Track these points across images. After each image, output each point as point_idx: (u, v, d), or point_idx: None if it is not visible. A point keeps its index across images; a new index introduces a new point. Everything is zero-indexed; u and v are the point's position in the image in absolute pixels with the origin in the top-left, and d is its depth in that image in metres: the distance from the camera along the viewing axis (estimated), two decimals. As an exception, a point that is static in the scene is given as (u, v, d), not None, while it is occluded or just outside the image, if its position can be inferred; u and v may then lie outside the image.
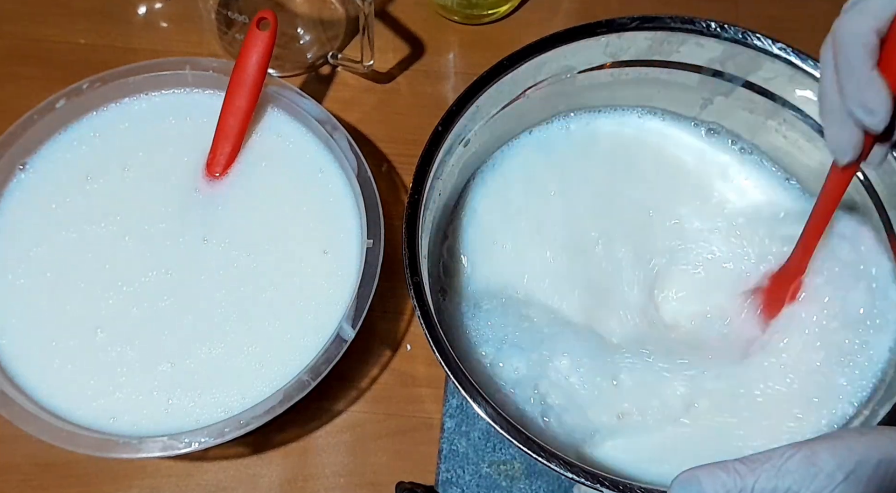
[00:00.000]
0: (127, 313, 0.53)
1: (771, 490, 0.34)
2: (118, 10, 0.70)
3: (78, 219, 0.55)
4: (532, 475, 0.54)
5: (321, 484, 0.55)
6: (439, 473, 0.54)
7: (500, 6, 0.68)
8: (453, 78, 0.68)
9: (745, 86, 0.55)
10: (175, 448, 0.47)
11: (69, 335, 0.52)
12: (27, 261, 0.54)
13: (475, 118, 0.53)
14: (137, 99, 0.58)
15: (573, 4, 0.71)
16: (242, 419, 0.48)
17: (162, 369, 0.51)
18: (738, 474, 0.34)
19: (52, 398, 0.50)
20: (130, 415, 0.50)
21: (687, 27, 0.53)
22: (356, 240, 0.54)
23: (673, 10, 0.54)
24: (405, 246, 0.48)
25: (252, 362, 0.52)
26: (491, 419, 0.44)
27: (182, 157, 0.57)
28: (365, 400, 0.57)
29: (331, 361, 0.49)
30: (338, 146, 0.55)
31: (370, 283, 0.51)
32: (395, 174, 0.64)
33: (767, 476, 0.34)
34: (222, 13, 0.66)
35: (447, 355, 0.45)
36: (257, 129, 0.58)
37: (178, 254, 0.54)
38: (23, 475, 0.54)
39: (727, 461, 0.35)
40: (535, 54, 0.53)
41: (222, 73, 0.57)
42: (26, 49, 0.68)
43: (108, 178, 0.56)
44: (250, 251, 0.54)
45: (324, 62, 0.67)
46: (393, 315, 0.59)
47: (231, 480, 0.55)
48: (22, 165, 0.56)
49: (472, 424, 0.55)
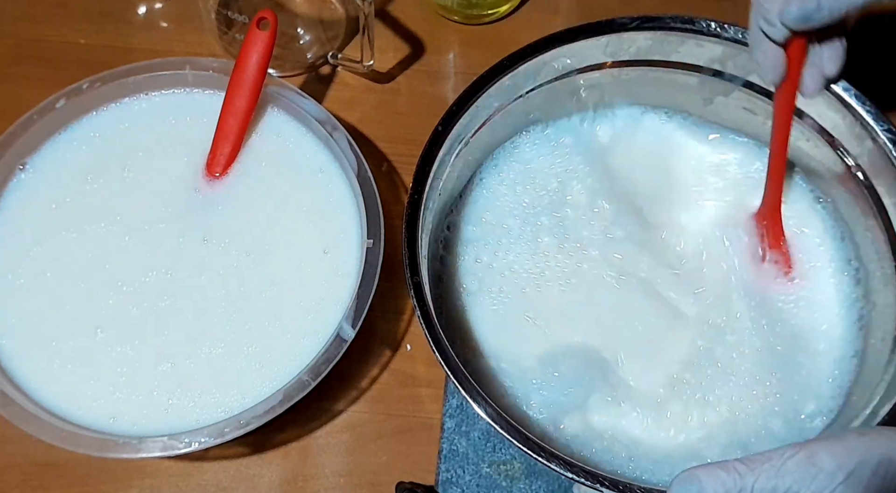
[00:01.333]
0: (127, 313, 0.53)
1: (771, 490, 0.34)
2: (118, 10, 0.70)
3: (78, 219, 0.55)
4: (532, 475, 0.54)
5: (321, 484, 0.55)
6: (439, 473, 0.54)
7: (500, 6, 0.68)
8: (453, 78, 0.68)
9: (745, 86, 0.55)
10: (175, 448, 0.47)
11: (69, 335, 0.52)
12: (27, 261, 0.54)
13: (475, 118, 0.53)
14: (137, 99, 0.58)
15: (573, 4, 0.71)
16: (242, 419, 0.48)
17: (162, 369, 0.51)
18: (738, 473, 0.34)
19: (52, 398, 0.50)
20: (130, 415, 0.50)
21: (687, 27, 0.53)
22: (356, 240, 0.54)
23: (673, 10, 0.54)
24: (405, 246, 0.48)
25: (252, 362, 0.52)
26: (491, 419, 0.44)
27: (182, 157, 0.57)
28: (365, 400, 0.57)
29: (331, 361, 0.49)
30: (338, 146, 0.55)
31: (370, 283, 0.51)
32: (395, 174, 0.64)
33: (767, 476, 0.34)
34: (222, 13, 0.66)
35: (447, 355, 0.45)
36: (257, 129, 0.58)
37: (178, 254, 0.54)
38: (23, 475, 0.54)
39: (727, 461, 0.35)
40: (535, 54, 0.53)
41: (222, 73, 0.57)
42: (26, 49, 0.68)
43: (108, 178, 0.56)
44: (250, 251, 0.54)
45: (324, 62, 0.67)
46: (393, 315, 0.59)
47: (231, 480, 0.55)
48: (22, 165, 0.56)
49: (472, 424, 0.55)
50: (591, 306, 0.54)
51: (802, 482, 0.34)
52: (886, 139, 0.50)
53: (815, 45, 0.46)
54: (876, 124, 0.50)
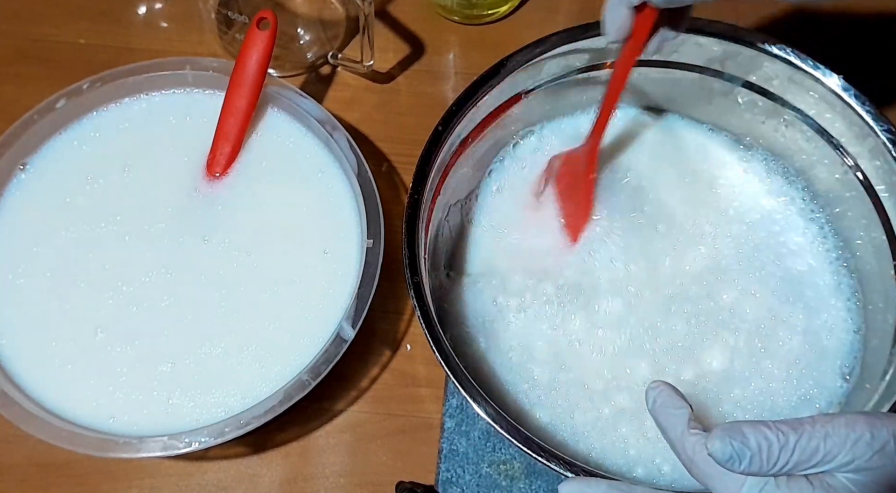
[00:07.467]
0: (127, 313, 0.53)
1: (813, 450, 0.35)
2: (118, 10, 0.70)
3: (78, 219, 0.55)
4: (532, 474, 0.54)
5: (321, 484, 0.55)
6: (439, 473, 0.54)
7: (500, 6, 0.68)
8: (453, 78, 0.68)
9: (745, 86, 0.55)
10: (175, 448, 0.47)
11: (69, 335, 0.52)
12: (27, 261, 0.54)
13: (475, 118, 0.53)
14: (137, 99, 0.58)
15: (573, 4, 0.71)
16: (242, 419, 0.48)
17: (162, 369, 0.51)
18: (781, 431, 0.35)
19: (52, 398, 0.50)
20: (130, 415, 0.50)
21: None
22: (356, 240, 0.54)
23: (673, 10, 0.54)
24: (405, 246, 0.48)
25: (252, 362, 0.52)
26: (491, 418, 0.44)
27: (182, 157, 0.57)
28: (365, 400, 0.57)
29: (331, 361, 0.49)
30: (338, 146, 0.55)
31: (370, 283, 0.51)
32: (395, 174, 0.64)
33: (810, 437, 0.35)
34: (222, 13, 0.66)
35: (447, 355, 0.45)
36: (257, 129, 0.58)
37: (178, 254, 0.54)
38: (23, 475, 0.54)
39: (769, 421, 0.36)
40: (535, 54, 0.53)
41: (222, 73, 0.57)
42: (26, 49, 0.68)
43: (108, 178, 0.56)
44: (250, 251, 0.54)
45: (324, 62, 0.67)
46: (393, 315, 0.59)
47: (231, 480, 0.55)
48: (22, 165, 0.56)
49: (472, 424, 0.55)
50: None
51: (843, 446, 0.35)
52: (886, 139, 0.50)
53: (664, 13, 0.47)
54: (875, 124, 0.50)
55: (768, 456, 0.35)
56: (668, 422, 0.39)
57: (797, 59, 0.52)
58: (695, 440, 0.37)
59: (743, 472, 0.35)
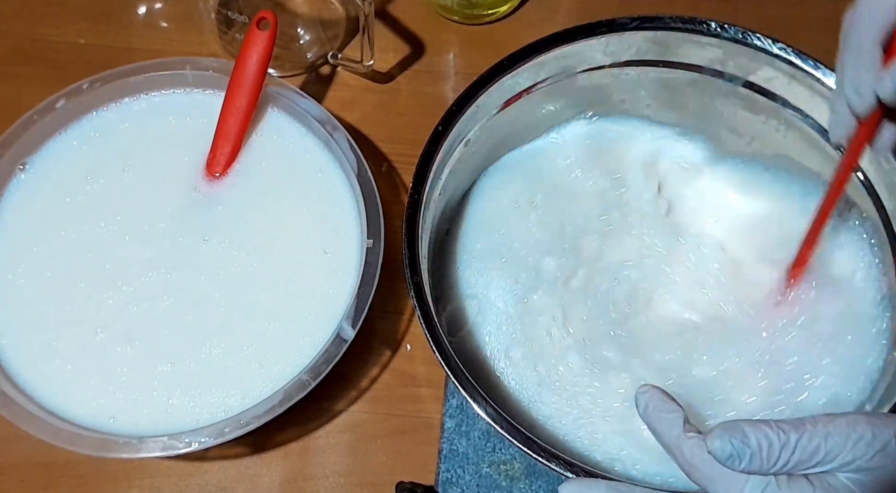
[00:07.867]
0: (127, 313, 0.52)
1: (814, 449, 0.35)
2: (118, 10, 0.70)
3: (78, 219, 0.55)
4: (532, 475, 0.54)
5: (321, 484, 0.55)
6: (439, 473, 0.54)
7: (500, 6, 0.68)
8: (453, 78, 0.68)
9: (745, 86, 0.55)
10: (175, 448, 0.47)
11: (69, 335, 0.52)
12: (27, 261, 0.54)
13: (475, 118, 0.53)
14: (137, 99, 0.58)
15: (573, 4, 0.71)
16: (242, 419, 0.48)
17: (162, 369, 0.51)
18: (782, 430, 0.35)
19: (52, 398, 0.50)
20: (130, 415, 0.50)
21: (687, 27, 0.53)
22: (356, 240, 0.54)
23: (673, 10, 0.54)
24: (405, 246, 0.48)
25: (252, 362, 0.52)
26: (491, 418, 0.44)
27: (182, 157, 0.57)
28: (365, 400, 0.57)
29: (331, 361, 0.49)
30: (338, 146, 0.55)
31: (370, 283, 0.51)
32: (395, 174, 0.64)
33: (811, 436, 0.35)
34: (222, 13, 0.66)
35: (447, 355, 0.45)
36: (257, 129, 0.58)
37: (178, 254, 0.54)
38: (23, 475, 0.54)
39: (770, 420, 0.36)
40: (535, 54, 0.53)
41: (222, 73, 0.57)
42: (26, 49, 0.68)
43: (108, 178, 0.56)
44: (250, 251, 0.54)
45: (324, 62, 0.67)
46: (393, 315, 0.59)
47: (231, 480, 0.55)
48: (22, 165, 0.56)
49: (472, 424, 0.55)
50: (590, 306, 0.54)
51: (844, 446, 0.35)
52: (886, 139, 0.50)
53: None
54: None
55: (769, 455, 0.35)
56: (663, 426, 0.38)
57: (797, 59, 0.52)
58: (692, 443, 0.37)
59: (743, 470, 0.35)
